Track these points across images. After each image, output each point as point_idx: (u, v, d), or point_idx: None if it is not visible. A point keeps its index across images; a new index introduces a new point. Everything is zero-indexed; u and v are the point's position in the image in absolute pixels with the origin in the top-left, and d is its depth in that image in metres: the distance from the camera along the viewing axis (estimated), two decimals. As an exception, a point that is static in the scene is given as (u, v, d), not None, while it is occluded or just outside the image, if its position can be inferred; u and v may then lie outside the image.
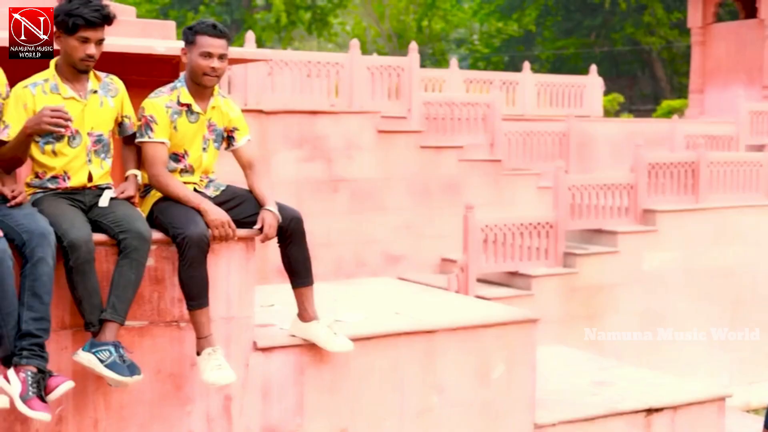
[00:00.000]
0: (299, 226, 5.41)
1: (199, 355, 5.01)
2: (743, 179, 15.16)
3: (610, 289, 13.41)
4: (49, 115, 4.59)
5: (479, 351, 6.25)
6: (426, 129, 14.56)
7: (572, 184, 13.48)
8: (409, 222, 14.11)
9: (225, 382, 4.96)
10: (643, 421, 7.08)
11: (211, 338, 5.02)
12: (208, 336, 5.01)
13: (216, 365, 4.94)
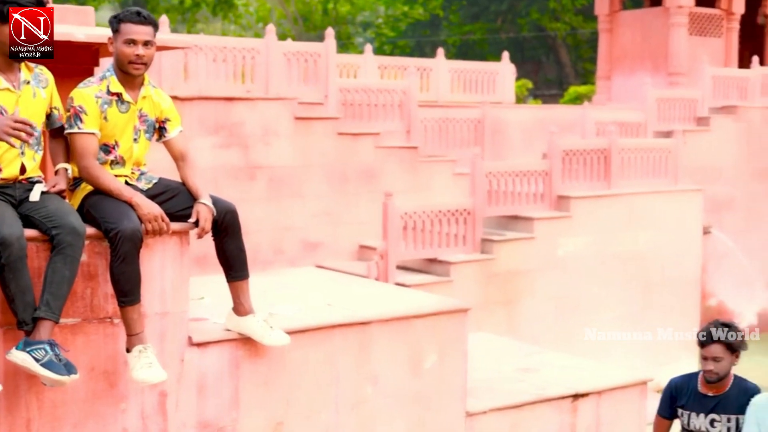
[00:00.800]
0: (234, 219, 5.34)
1: (129, 352, 4.89)
2: (653, 165, 15.52)
3: (527, 274, 13.60)
4: (12, 126, 4.46)
5: (412, 341, 6.27)
6: (343, 115, 14.54)
7: (489, 171, 13.61)
8: (326, 209, 14.08)
9: (155, 381, 4.87)
10: (569, 406, 7.20)
11: (142, 335, 4.91)
12: (140, 333, 4.91)
13: (146, 363, 4.84)
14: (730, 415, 5.22)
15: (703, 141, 18.48)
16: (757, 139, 19.56)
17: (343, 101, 14.68)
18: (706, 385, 5.29)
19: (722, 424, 5.22)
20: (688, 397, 5.34)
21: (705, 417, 5.26)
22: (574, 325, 14.05)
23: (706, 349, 5.21)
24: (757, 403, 5.06)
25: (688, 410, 5.32)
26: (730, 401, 5.24)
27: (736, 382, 5.32)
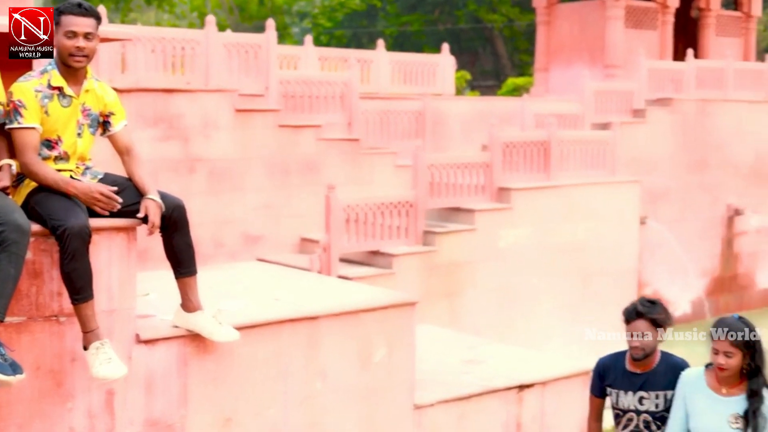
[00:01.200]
0: (182, 215, 5.29)
1: (87, 349, 4.84)
2: (591, 157, 15.70)
3: (468, 266, 13.67)
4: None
5: (361, 335, 6.27)
6: (284, 107, 14.45)
7: (431, 163, 13.64)
8: (267, 202, 14.00)
9: (117, 376, 4.82)
10: (515, 397, 7.27)
11: (98, 331, 4.85)
12: (95, 329, 4.85)
13: (106, 359, 4.78)
14: (658, 392, 5.18)
15: (639, 133, 18.73)
16: (691, 131, 19.88)
17: (284, 93, 14.59)
18: (633, 363, 5.24)
19: (651, 401, 5.18)
20: (615, 376, 5.30)
21: (633, 395, 5.22)
22: (515, 315, 14.17)
23: (631, 326, 5.16)
24: (685, 378, 5.05)
25: (616, 389, 5.27)
26: (657, 378, 5.20)
27: (664, 358, 5.27)
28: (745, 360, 4.83)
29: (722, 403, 4.89)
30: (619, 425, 5.28)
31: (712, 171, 20.32)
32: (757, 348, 4.85)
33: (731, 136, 20.62)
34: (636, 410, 5.20)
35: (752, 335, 4.85)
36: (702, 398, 4.94)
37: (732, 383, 4.89)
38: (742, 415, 4.83)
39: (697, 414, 4.93)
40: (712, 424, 4.87)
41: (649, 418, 5.18)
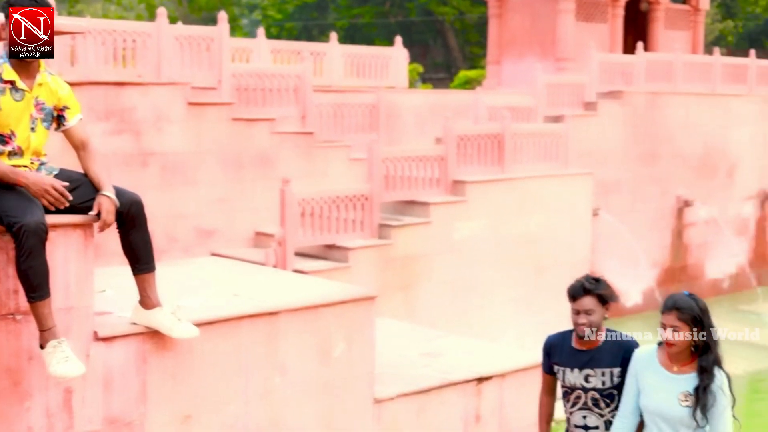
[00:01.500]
0: (140, 211, 5.23)
1: (44, 348, 4.76)
2: (544, 150, 15.80)
3: (424, 258, 13.70)
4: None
5: (320, 330, 6.25)
6: (237, 101, 14.35)
7: (386, 156, 13.64)
8: (221, 196, 13.91)
9: (74, 375, 4.75)
10: (474, 390, 7.29)
11: (55, 330, 4.78)
12: (52, 328, 4.77)
13: (63, 357, 4.71)
14: (604, 369, 5.16)
15: (590, 126, 18.87)
16: (641, 123, 20.08)
17: (237, 86, 14.50)
18: (579, 340, 5.23)
19: (597, 378, 5.17)
20: (562, 354, 5.29)
21: (579, 372, 5.20)
22: (470, 307, 14.23)
23: (577, 303, 5.14)
24: (637, 356, 5.03)
25: (563, 366, 5.26)
26: (603, 355, 5.18)
27: (610, 335, 5.25)
28: (694, 336, 4.82)
29: (673, 381, 4.88)
30: (568, 403, 5.28)
31: (662, 163, 20.56)
32: (706, 325, 4.83)
33: (680, 128, 20.87)
34: (583, 388, 5.19)
35: (701, 312, 4.83)
36: (653, 376, 4.93)
37: (683, 361, 4.89)
38: (692, 393, 4.81)
39: (648, 391, 4.93)
40: (663, 401, 4.87)
41: (597, 396, 5.18)
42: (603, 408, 5.18)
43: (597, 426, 5.20)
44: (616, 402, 5.16)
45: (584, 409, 5.21)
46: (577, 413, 5.23)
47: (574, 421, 5.26)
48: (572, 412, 5.26)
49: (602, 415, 5.19)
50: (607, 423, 5.18)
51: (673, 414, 4.84)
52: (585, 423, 5.22)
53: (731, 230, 21.88)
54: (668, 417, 4.86)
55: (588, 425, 5.22)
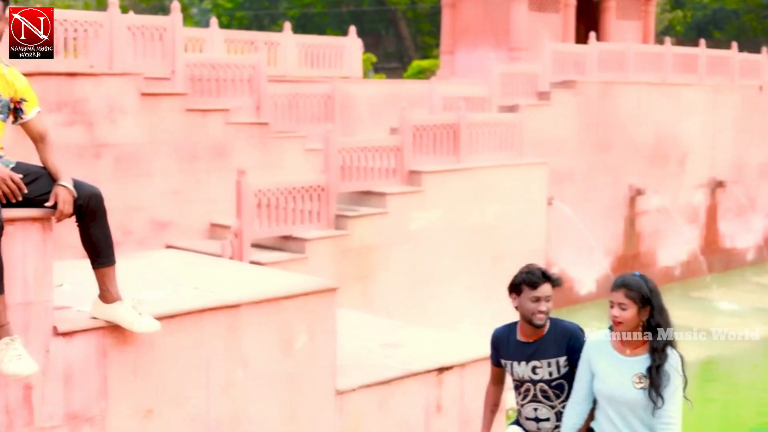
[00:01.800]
0: (99, 203, 5.17)
1: None
2: (499, 139, 15.85)
3: (381, 249, 13.70)
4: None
5: (282, 323, 6.22)
6: (191, 91, 14.21)
7: (342, 147, 13.60)
8: (176, 187, 13.78)
9: (26, 373, 4.68)
10: (435, 380, 7.30)
11: (8, 327, 4.71)
12: (5, 325, 4.70)
13: (15, 355, 4.64)
14: (550, 360, 5.14)
15: (544, 115, 18.97)
16: (594, 112, 20.23)
17: (191, 76, 14.35)
18: (523, 332, 5.19)
19: (543, 370, 5.14)
20: (507, 347, 5.25)
21: (526, 365, 5.17)
22: (427, 297, 14.26)
23: (538, 290, 5.08)
24: (590, 342, 5.02)
25: (510, 359, 5.24)
26: (548, 345, 5.15)
27: (553, 324, 5.21)
28: (642, 315, 4.80)
29: (626, 364, 4.86)
30: (519, 395, 5.28)
31: (614, 152, 20.73)
32: (655, 304, 4.81)
33: (632, 117, 21.06)
34: (531, 380, 5.18)
35: (649, 291, 4.81)
36: (606, 360, 4.91)
37: (635, 343, 4.86)
38: (646, 375, 4.79)
39: (602, 376, 4.91)
40: (617, 385, 4.84)
41: (546, 387, 5.16)
42: (553, 399, 5.18)
43: (548, 418, 5.20)
44: (566, 392, 5.15)
45: (534, 401, 5.20)
46: (528, 405, 5.23)
47: (526, 414, 5.26)
48: (523, 405, 5.26)
49: (553, 406, 5.19)
50: (558, 414, 5.18)
51: (628, 397, 4.81)
52: (536, 415, 5.22)
53: (682, 218, 22.15)
54: (623, 401, 4.84)
55: (539, 417, 5.22)
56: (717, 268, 22.86)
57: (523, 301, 5.13)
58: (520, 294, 5.16)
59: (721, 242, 23.66)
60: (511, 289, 5.24)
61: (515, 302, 5.20)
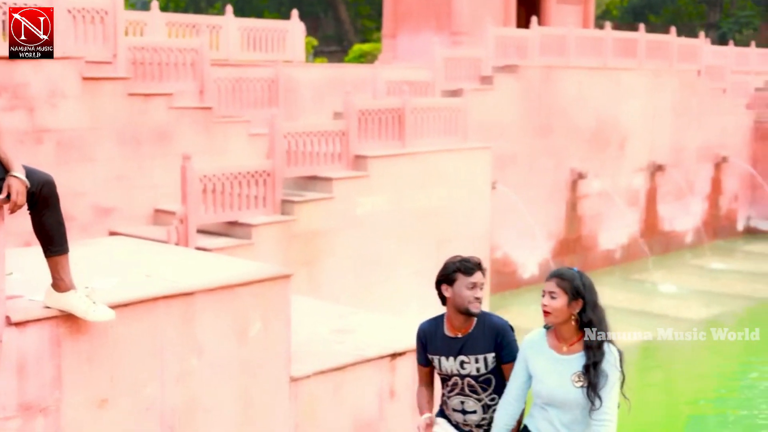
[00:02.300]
0: (52, 191, 5.08)
1: None
2: (444, 124, 15.90)
3: (327, 234, 13.67)
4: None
5: (237, 310, 6.17)
6: (133, 75, 14.03)
7: (287, 131, 13.53)
8: (119, 173, 13.61)
9: None
10: (388, 365, 7.31)
11: None
12: None
13: None
14: (478, 355, 5.06)
15: (487, 99, 19.07)
16: (536, 97, 20.39)
17: (133, 60, 14.16)
18: (452, 327, 5.09)
19: (471, 365, 5.06)
20: (435, 342, 5.15)
21: (454, 360, 5.09)
22: (374, 281, 14.28)
23: (474, 276, 5.01)
24: (526, 342, 4.92)
25: (437, 354, 5.14)
26: (476, 341, 5.06)
27: (481, 318, 5.09)
28: (573, 308, 4.70)
29: (563, 362, 4.77)
30: (445, 387, 5.21)
31: (556, 136, 20.92)
32: (587, 299, 4.71)
33: (573, 102, 21.26)
34: (459, 374, 5.11)
35: (582, 284, 4.71)
36: (543, 359, 4.83)
37: (570, 340, 4.77)
38: (584, 373, 4.70)
39: (540, 376, 4.82)
40: (556, 384, 4.76)
41: (473, 382, 5.10)
42: (480, 393, 5.12)
43: (475, 410, 5.14)
44: (494, 385, 5.10)
45: (462, 394, 5.15)
46: (455, 398, 5.17)
47: (452, 405, 5.20)
48: (450, 397, 5.20)
49: (480, 399, 5.12)
50: (484, 407, 5.13)
51: (569, 397, 4.74)
52: (463, 408, 5.17)
53: (623, 202, 22.45)
54: (564, 401, 4.77)
55: (466, 410, 5.17)
56: (657, 250, 23.23)
57: (458, 290, 5.03)
58: (453, 284, 5.06)
59: (660, 225, 24.04)
60: (442, 281, 5.13)
61: (447, 293, 5.09)
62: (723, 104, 26.11)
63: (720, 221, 26.25)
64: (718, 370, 16.49)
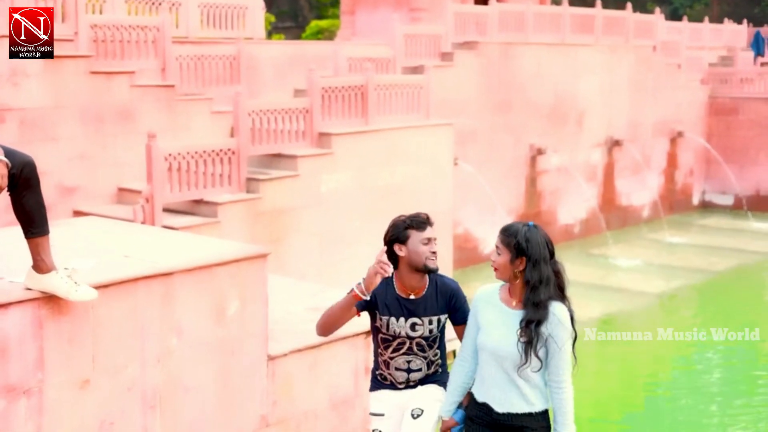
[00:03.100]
0: (33, 172, 5.06)
1: None
2: (407, 101, 15.95)
3: (292, 212, 13.70)
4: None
5: (215, 290, 6.19)
6: (95, 53, 13.91)
7: (251, 109, 13.51)
8: (82, 152, 13.52)
9: None
10: (363, 342, 7.35)
11: None
12: None
13: None
14: (432, 317, 5.03)
15: (447, 76, 19.15)
16: (495, 73, 20.50)
17: (95, 38, 14.04)
18: (405, 286, 5.05)
19: (424, 327, 5.03)
20: (386, 302, 5.11)
21: (405, 321, 5.05)
22: (338, 259, 14.34)
23: (427, 231, 5.00)
24: (479, 293, 4.89)
25: (388, 315, 5.11)
26: (429, 302, 5.04)
27: (433, 279, 5.06)
28: (516, 265, 4.65)
29: (512, 317, 4.71)
30: (387, 348, 5.15)
31: (515, 112, 21.07)
32: (530, 257, 4.62)
33: (532, 78, 21.41)
34: (408, 336, 5.07)
35: (525, 240, 4.62)
36: (492, 312, 4.78)
37: (520, 296, 4.72)
38: (524, 328, 4.64)
39: (487, 328, 4.77)
40: (502, 337, 4.70)
41: (423, 341, 5.08)
42: (427, 351, 5.09)
43: (420, 368, 5.12)
44: (439, 342, 5.09)
45: (409, 353, 5.12)
46: (401, 358, 5.14)
47: (396, 365, 5.15)
48: (393, 357, 5.16)
49: (426, 357, 5.10)
50: (429, 363, 5.11)
51: (512, 350, 4.67)
52: (408, 366, 5.14)
53: (581, 177, 22.69)
54: (507, 355, 4.69)
55: (411, 368, 5.14)
56: (614, 225, 23.53)
57: (413, 247, 4.99)
58: (406, 241, 5.02)
59: (618, 200, 24.35)
60: (394, 240, 5.09)
61: (402, 252, 5.03)
62: (678, 80, 26.43)
63: (676, 195, 26.63)
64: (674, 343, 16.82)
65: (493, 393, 4.80)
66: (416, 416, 5.09)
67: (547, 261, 4.66)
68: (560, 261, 4.80)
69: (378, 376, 5.27)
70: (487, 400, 4.84)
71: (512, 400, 4.76)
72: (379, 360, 5.23)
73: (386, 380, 5.22)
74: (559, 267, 4.75)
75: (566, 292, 4.78)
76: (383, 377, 5.24)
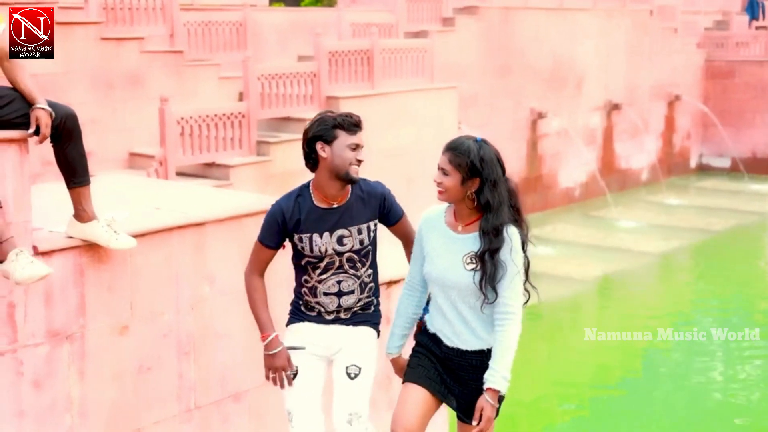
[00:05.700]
0: (75, 124, 5.28)
1: (3, 262, 4.80)
2: (411, 65, 16.12)
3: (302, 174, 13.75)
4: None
5: (244, 239, 6.41)
6: (105, 20, 14.05)
7: (260, 74, 13.67)
8: (92, 117, 13.66)
9: (42, 273, 4.80)
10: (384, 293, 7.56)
11: (12, 240, 4.83)
12: (10, 238, 4.82)
13: (28, 262, 4.77)
14: (360, 225, 4.46)
15: (449, 41, 19.29)
16: (496, 37, 20.64)
17: (104, 5, 14.17)
18: (323, 197, 4.46)
19: (353, 239, 4.44)
20: (303, 217, 4.46)
21: (330, 236, 4.42)
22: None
23: (357, 136, 4.42)
24: (424, 218, 4.46)
25: (308, 232, 4.44)
26: (355, 209, 4.47)
27: (357, 185, 4.51)
28: (469, 187, 4.19)
29: (458, 242, 4.24)
30: (313, 273, 4.49)
31: (515, 77, 21.23)
32: (486, 177, 4.16)
33: (532, 42, 21.55)
34: (336, 252, 4.44)
35: (480, 159, 4.17)
36: (438, 237, 4.31)
37: (467, 218, 4.26)
38: (478, 259, 4.15)
39: (432, 256, 4.30)
40: (447, 263, 4.22)
41: (354, 256, 4.47)
42: (359, 268, 4.49)
43: (353, 290, 4.51)
44: (371, 258, 4.54)
45: (340, 272, 4.47)
46: (330, 279, 4.48)
47: (324, 289, 4.50)
48: (322, 280, 4.49)
49: (358, 276, 4.50)
50: (362, 285, 4.52)
51: (459, 279, 4.19)
52: (339, 288, 4.49)
53: (581, 140, 22.88)
54: (454, 284, 4.22)
55: (343, 290, 4.50)
56: (614, 188, 23.74)
57: (338, 150, 4.39)
58: (331, 142, 4.41)
59: (617, 163, 24.55)
60: (318, 137, 4.42)
61: (324, 152, 4.42)
62: (674, 44, 26.56)
63: (674, 158, 26.85)
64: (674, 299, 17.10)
65: (441, 325, 4.36)
66: (354, 376, 4.48)
67: (502, 180, 4.23)
68: (511, 178, 4.39)
69: (301, 307, 4.61)
70: (437, 332, 4.40)
71: (461, 335, 4.31)
72: (302, 290, 4.58)
73: (312, 310, 4.55)
74: (512, 185, 4.31)
75: (522, 213, 4.31)
76: (309, 307, 4.57)
